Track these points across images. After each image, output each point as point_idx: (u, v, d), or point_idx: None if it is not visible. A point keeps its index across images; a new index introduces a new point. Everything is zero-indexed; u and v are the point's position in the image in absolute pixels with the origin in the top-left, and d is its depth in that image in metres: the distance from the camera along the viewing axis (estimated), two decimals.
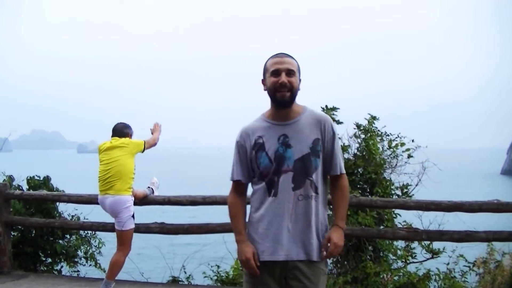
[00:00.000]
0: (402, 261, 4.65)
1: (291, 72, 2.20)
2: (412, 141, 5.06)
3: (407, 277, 4.36)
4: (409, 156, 5.03)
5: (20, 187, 5.41)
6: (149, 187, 4.67)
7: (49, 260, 5.35)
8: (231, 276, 4.74)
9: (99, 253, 5.45)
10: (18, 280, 4.59)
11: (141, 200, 4.46)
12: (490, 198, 4.10)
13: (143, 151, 4.38)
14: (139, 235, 4.56)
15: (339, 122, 4.94)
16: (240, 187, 2.35)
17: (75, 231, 5.36)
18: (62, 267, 5.39)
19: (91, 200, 4.65)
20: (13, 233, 5.20)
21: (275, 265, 2.20)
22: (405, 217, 4.63)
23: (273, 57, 2.25)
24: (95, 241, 5.48)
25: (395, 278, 4.43)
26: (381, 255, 4.61)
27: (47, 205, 5.31)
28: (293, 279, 2.20)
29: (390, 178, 4.93)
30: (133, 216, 4.19)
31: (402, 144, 5.04)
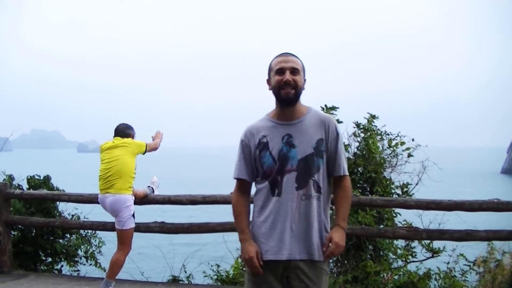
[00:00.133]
0: (402, 260, 4.65)
1: (295, 71, 2.21)
2: (412, 140, 5.05)
3: (407, 276, 4.36)
4: (409, 155, 5.02)
5: (20, 187, 5.42)
6: (149, 186, 4.67)
7: (49, 259, 5.36)
8: (231, 275, 4.74)
9: (99, 252, 5.46)
10: (19, 280, 4.59)
11: (141, 200, 4.47)
12: (490, 197, 4.10)
13: (144, 153, 4.40)
14: (139, 234, 4.56)
15: (339, 121, 4.94)
16: (244, 186, 2.35)
17: (75, 230, 5.37)
18: (62, 266, 5.40)
19: (91, 200, 4.65)
20: (13, 233, 5.20)
21: (278, 264, 2.20)
22: (405, 216, 4.62)
23: (278, 57, 2.26)
24: (95, 240, 5.49)
25: (395, 277, 4.43)
26: (381, 254, 4.61)
27: (47, 204, 5.32)
28: (295, 279, 2.20)
29: (390, 177, 4.93)
30: (133, 216, 4.20)
31: (402, 143, 5.03)
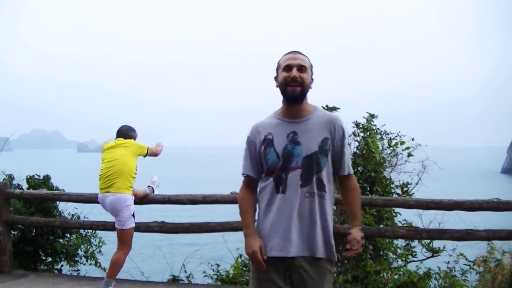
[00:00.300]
0: (402, 260, 4.65)
1: (302, 68, 2.23)
2: (412, 139, 5.06)
3: (407, 276, 4.36)
4: (409, 155, 5.02)
5: (20, 186, 5.41)
6: (149, 186, 4.67)
7: (49, 259, 5.36)
8: (231, 275, 4.74)
9: (99, 252, 5.46)
10: (19, 279, 4.59)
11: (141, 199, 4.46)
12: (490, 197, 4.10)
13: (145, 156, 4.43)
14: (139, 234, 4.56)
15: None
16: (250, 182, 2.38)
17: (75, 230, 5.37)
18: (62, 266, 5.40)
19: (91, 199, 4.65)
20: (13, 232, 5.20)
21: (281, 262, 2.21)
22: (405, 215, 4.62)
23: (287, 54, 2.29)
24: (95, 240, 5.49)
25: (395, 277, 4.43)
26: (381, 253, 4.61)
27: (47, 204, 5.31)
28: (298, 278, 2.21)
29: (390, 177, 4.93)
30: (133, 215, 4.20)
31: (402, 143, 5.03)
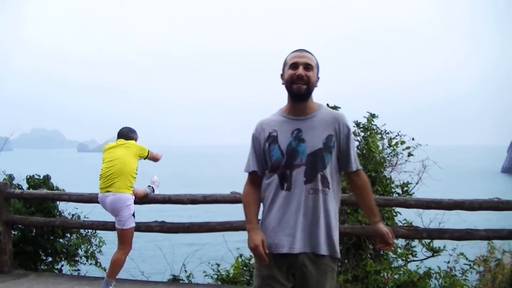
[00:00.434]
0: (403, 260, 4.64)
1: (309, 66, 2.25)
2: (412, 139, 5.06)
3: (408, 276, 4.36)
4: (409, 155, 5.03)
5: (20, 186, 5.42)
6: (149, 186, 4.67)
7: (50, 259, 5.36)
8: (231, 275, 4.74)
9: (100, 252, 5.46)
10: (19, 279, 4.59)
11: (141, 199, 4.47)
12: (490, 196, 4.10)
13: (145, 158, 4.46)
14: (139, 234, 4.56)
15: None
16: (255, 179, 2.40)
17: (75, 230, 5.37)
18: (62, 266, 5.40)
19: (91, 199, 4.65)
20: (13, 232, 5.20)
21: (284, 258, 2.23)
22: (405, 215, 4.62)
23: (293, 52, 2.31)
24: (96, 240, 5.50)
25: (396, 277, 4.43)
26: (382, 253, 4.60)
27: (47, 204, 5.31)
28: (299, 274, 2.22)
29: (390, 177, 4.93)
30: (133, 215, 4.20)
31: (402, 142, 5.03)
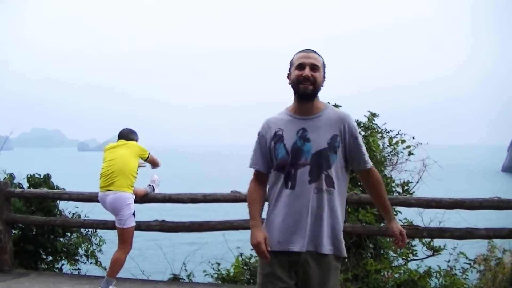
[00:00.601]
0: (403, 259, 4.65)
1: (315, 67, 2.25)
2: (413, 138, 5.06)
3: (408, 275, 4.36)
4: (410, 154, 5.03)
5: (21, 185, 5.42)
6: (149, 185, 4.67)
7: (50, 258, 5.36)
8: (232, 274, 4.74)
9: (100, 251, 5.47)
10: (19, 278, 4.59)
11: (141, 198, 4.47)
12: (490, 195, 4.10)
13: (145, 160, 4.47)
14: (140, 233, 4.56)
15: None
16: (260, 176, 2.41)
17: (75, 229, 5.38)
18: (63, 265, 5.41)
19: (91, 198, 4.65)
20: (14, 231, 5.20)
21: (287, 256, 2.24)
22: (406, 214, 4.62)
23: (300, 52, 2.32)
24: (96, 239, 5.50)
25: (396, 276, 4.43)
26: (382, 252, 4.61)
27: (47, 203, 5.32)
28: (302, 272, 2.23)
29: (391, 176, 4.93)
30: (134, 214, 4.20)
31: (403, 142, 5.04)
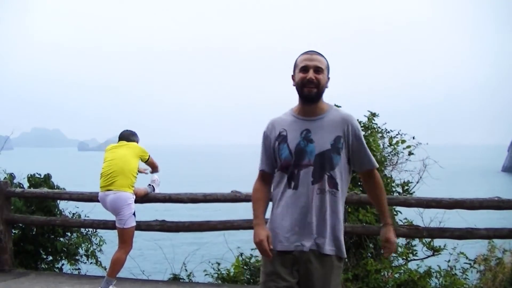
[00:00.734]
0: (403, 259, 4.65)
1: (319, 69, 2.27)
2: (413, 138, 5.06)
3: (408, 275, 4.36)
4: (410, 154, 5.03)
5: (21, 185, 5.42)
6: (150, 185, 4.67)
7: (50, 258, 5.37)
8: (232, 273, 4.74)
9: (100, 251, 5.47)
10: (19, 278, 4.59)
11: (142, 198, 4.47)
12: (491, 195, 4.10)
13: (145, 161, 4.47)
14: (140, 232, 4.56)
15: None
16: (265, 176, 2.43)
17: (76, 229, 5.38)
18: (63, 265, 5.41)
19: (92, 198, 4.65)
20: (14, 231, 5.21)
21: (289, 255, 2.25)
22: (406, 214, 4.63)
23: (304, 54, 2.32)
24: (96, 239, 5.50)
25: (396, 276, 4.43)
26: (382, 252, 4.61)
27: (48, 203, 5.32)
28: (304, 270, 2.24)
29: (391, 175, 4.93)
30: (134, 214, 4.20)
31: (403, 141, 5.04)
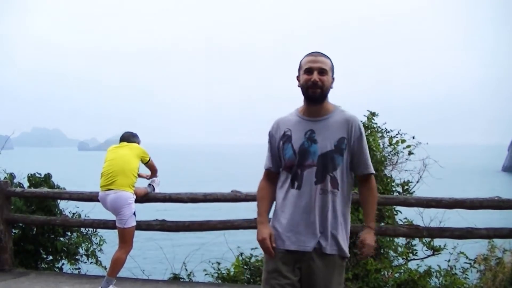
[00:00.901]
0: (403, 258, 4.65)
1: (323, 71, 2.29)
2: (413, 137, 5.06)
3: (408, 274, 4.36)
4: (410, 153, 5.03)
5: (21, 185, 5.42)
6: (150, 184, 4.67)
7: (50, 257, 5.37)
8: (232, 273, 4.74)
9: (100, 250, 5.47)
10: (19, 278, 4.60)
11: (142, 198, 4.47)
12: (491, 195, 4.10)
13: (145, 163, 4.48)
14: (140, 232, 4.56)
15: None
16: (270, 175, 2.47)
17: (76, 228, 5.38)
18: (63, 264, 5.41)
19: (92, 198, 4.66)
20: (14, 231, 5.21)
21: (291, 254, 2.27)
22: (406, 214, 4.63)
23: (308, 56, 2.34)
24: (96, 238, 5.50)
25: (396, 275, 4.44)
26: (382, 252, 4.61)
27: (48, 202, 5.32)
28: (306, 267, 2.26)
29: (391, 175, 4.93)
30: (134, 214, 4.21)
31: (403, 141, 5.04)
